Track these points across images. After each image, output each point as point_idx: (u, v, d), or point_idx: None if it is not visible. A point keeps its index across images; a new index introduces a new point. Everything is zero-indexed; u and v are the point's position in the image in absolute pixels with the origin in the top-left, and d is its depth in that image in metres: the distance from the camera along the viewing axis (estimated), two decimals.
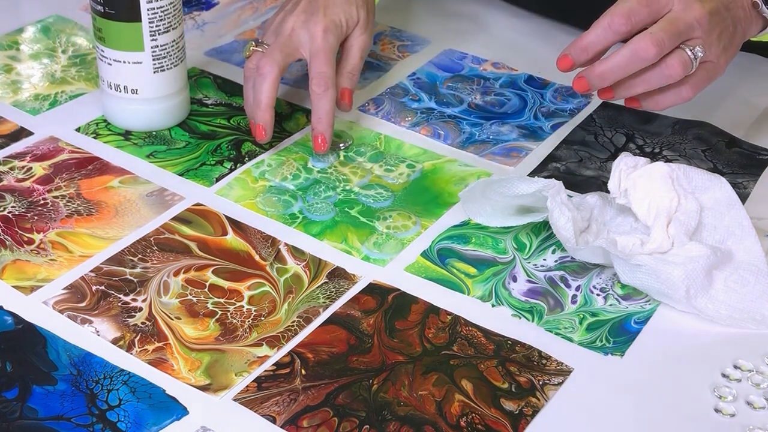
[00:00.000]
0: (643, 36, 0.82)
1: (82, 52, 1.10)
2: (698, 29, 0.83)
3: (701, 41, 0.83)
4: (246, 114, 0.95)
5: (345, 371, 0.72)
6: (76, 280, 0.79)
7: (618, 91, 0.86)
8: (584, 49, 0.84)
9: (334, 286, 0.80)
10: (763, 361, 0.74)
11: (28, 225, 0.85)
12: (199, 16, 1.19)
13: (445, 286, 0.80)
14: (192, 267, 0.81)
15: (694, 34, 0.83)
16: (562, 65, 0.86)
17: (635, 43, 0.82)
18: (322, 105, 0.93)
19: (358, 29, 0.98)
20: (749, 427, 0.68)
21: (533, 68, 1.09)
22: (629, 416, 0.70)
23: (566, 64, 0.85)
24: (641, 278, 0.77)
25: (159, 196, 0.89)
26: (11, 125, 0.98)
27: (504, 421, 0.68)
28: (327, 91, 0.92)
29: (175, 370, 0.72)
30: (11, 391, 0.69)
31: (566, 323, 0.77)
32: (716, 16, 0.84)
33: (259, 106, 0.92)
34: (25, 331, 0.74)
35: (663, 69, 0.83)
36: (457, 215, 0.87)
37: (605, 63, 0.83)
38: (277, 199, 0.89)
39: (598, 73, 0.84)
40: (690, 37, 0.83)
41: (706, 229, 0.80)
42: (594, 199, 0.84)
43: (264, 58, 0.93)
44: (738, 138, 0.98)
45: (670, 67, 0.83)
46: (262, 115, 0.92)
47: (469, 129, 0.99)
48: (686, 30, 0.83)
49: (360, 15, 0.98)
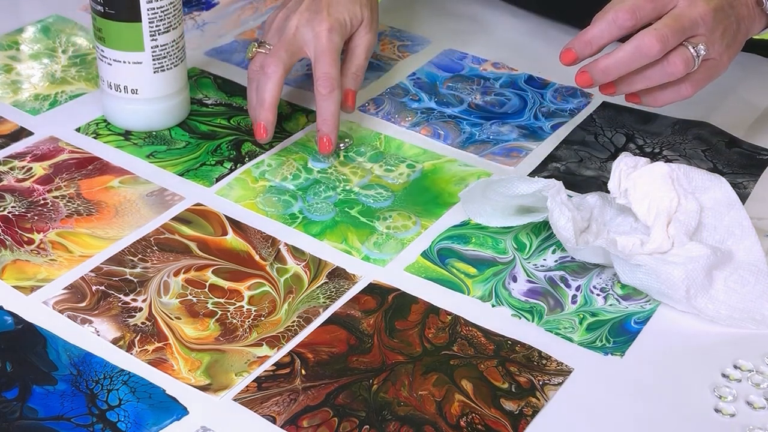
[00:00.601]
0: (647, 32, 0.82)
1: (82, 52, 1.10)
2: (702, 26, 0.83)
3: (704, 39, 0.83)
4: (249, 115, 0.95)
5: (345, 371, 0.72)
6: (76, 280, 0.79)
7: (619, 87, 0.86)
8: (588, 43, 0.84)
9: (334, 286, 0.80)
10: (763, 361, 0.74)
11: (28, 225, 0.85)
12: (199, 16, 1.19)
13: (445, 286, 0.80)
14: (192, 267, 0.81)
15: (698, 31, 0.83)
16: (565, 59, 0.85)
17: (639, 39, 0.82)
18: (327, 106, 0.92)
19: (362, 28, 0.98)
20: (749, 427, 0.68)
21: (533, 68, 1.09)
22: (629, 416, 0.70)
23: (569, 57, 0.85)
24: (641, 278, 0.77)
25: (159, 196, 0.89)
26: (11, 125, 0.98)
27: (504, 421, 0.68)
28: (332, 93, 0.92)
29: (175, 370, 0.72)
30: (11, 391, 0.69)
31: (566, 323, 0.77)
32: (720, 13, 0.84)
33: (263, 105, 0.92)
34: (25, 331, 0.74)
35: (665, 66, 0.83)
36: (457, 215, 0.87)
37: (609, 58, 0.83)
38: (277, 199, 0.89)
39: (601, 68, 0.84)
40: (694, 34, 0.83)
41: (706, 229, 0.80)
42: (594, 199, 0.84)
43: (269, 58, 0.93)
44: (738, 138, 0.98)
45: (672, 65, 0.83)
46: (265, 114, 0.92)
47: (469, 129, 0.99)
48: (690, 27, 0.83)
49: (364, 14, 0.98)
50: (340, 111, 0.95)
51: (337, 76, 0.93)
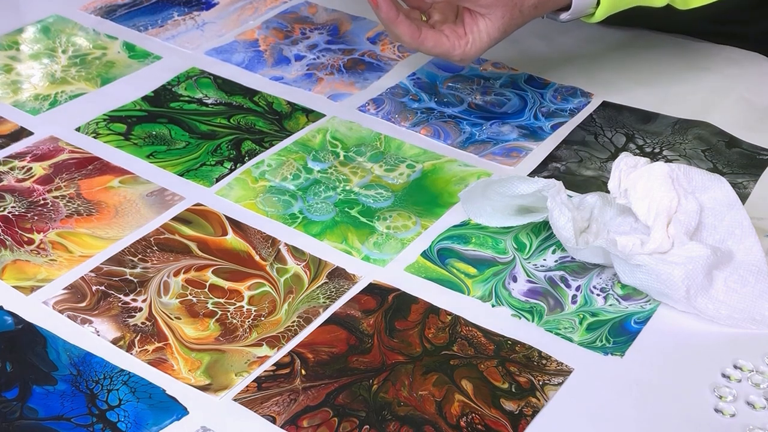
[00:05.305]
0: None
1: (82, 52, 1.10)
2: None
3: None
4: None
5: (345, 371, 0.72)
6: (76, 280, 0.79)
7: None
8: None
9: (334, 286, 0.80)
10: (763, 361, 0.74)
11: (28, 225, 0.85)
12: (199, 16, 1.19)
13: (445, 286, 0.80)
14: (192, 267, 0.81)
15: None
16: None
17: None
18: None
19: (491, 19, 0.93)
20: (749, 427, 0.68)
21: (533, 68, 1.09)
22: (629, 416, 0.69)
23: None
24: (641, 278, 0.77)
25: (159, 196, 0.89)
26: (11, 125, 0.98)
27: (504, 421, 0.68)
28: None
29: (175, 370, 0.72)
30: (11, 391, 0.69)
31: (566, 323, 0.77)
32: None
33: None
34: (25, 331, 0.74)
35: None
36: (457, 215, 0.87)
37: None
38: (277, 199, 0.89)
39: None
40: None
41: (706, 229, 0.80)
42: (594, 199, 0.84)
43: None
44: (738, 138, 0.98)
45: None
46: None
47: (469, 129, 0.99)
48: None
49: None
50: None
51: None
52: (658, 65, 1.09)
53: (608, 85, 1.06)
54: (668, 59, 1.10)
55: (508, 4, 0.90)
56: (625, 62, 1.10)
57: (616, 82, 1.06)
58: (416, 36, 0.91)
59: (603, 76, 1.07)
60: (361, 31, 1.16)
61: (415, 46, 0.92)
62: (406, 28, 0.91)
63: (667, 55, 1.11)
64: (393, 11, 0.90)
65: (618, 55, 1.11)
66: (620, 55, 1.11)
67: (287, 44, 1.14)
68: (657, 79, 1.07)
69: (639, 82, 1.06)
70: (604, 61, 1.10)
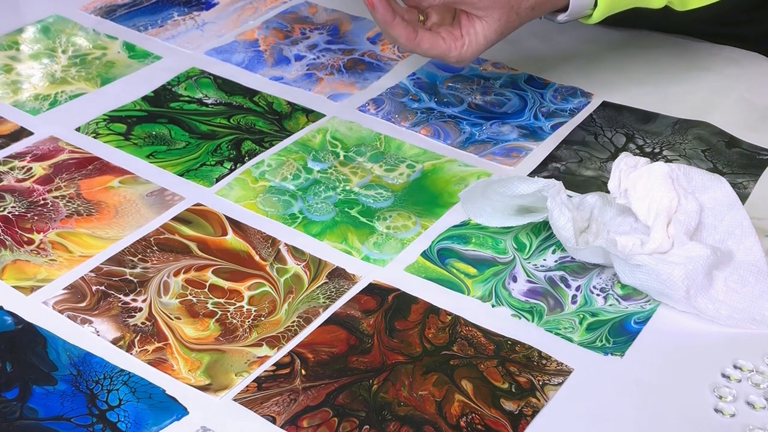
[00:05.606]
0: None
1: (82, 52, 1.10)
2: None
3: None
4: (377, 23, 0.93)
5: (345, 371, 0.72)
6: (76, 280, 0.79)
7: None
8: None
9: (334, 286, 0.80)
10: (763, 361, 0.74)
11: (28, 225, 0.85)
12: (199, 16, 1.19)
13: (445, 286, 0.80)
14: (192, 267, 0.81)
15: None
16: None
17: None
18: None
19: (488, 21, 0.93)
20: (749, 427, 0.68)
21: (533, 68, 1.09)
22: (629, 416, 0.69)
23: None
24: (641, 278, 0.77)
25: (159, 196, 0.89)
26: (11, 125, 0.98)
27: (504, 421, 0.68)
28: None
29: (175, 370, 0.72)
30: (11, 391, 0.69)
31: (566, 323, 0.77)
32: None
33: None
34: (25, 331, 0.74)
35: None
36: (457, 215, 0.87)
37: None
38: (277, 199, 0.89)
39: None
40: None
41: (706, 229, 0.80)
42: (594, 199, 0.84)
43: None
44: (738, 138, 0.98)
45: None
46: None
47: (469, 129, 0.99)
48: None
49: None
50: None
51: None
52: (658, 65, 1.09)
53: (608, 85, 1.06)
54: (668, 59, 1.10)
55: (505, 6, 0.90)
56: (625, 62, 1.10)
57: (616, 82, 1.06)
58: (412, 38, 0.91)
59: (603, 76, 1.07)
60: (361, 31, 1.16)
61: (411, 47, 0.92)
62: (402, 29, 0.90)
63: (667, 55, 1.11)
64: (389, 13, 0.90)
65: (618, 55, 1.12)
66: (620, 55, 1.11)
67: (287, 44, 1.14)
68: (657, 79, 1.07)
69: (639, 82, 1.06)
70: (604, 61, 1.10)
